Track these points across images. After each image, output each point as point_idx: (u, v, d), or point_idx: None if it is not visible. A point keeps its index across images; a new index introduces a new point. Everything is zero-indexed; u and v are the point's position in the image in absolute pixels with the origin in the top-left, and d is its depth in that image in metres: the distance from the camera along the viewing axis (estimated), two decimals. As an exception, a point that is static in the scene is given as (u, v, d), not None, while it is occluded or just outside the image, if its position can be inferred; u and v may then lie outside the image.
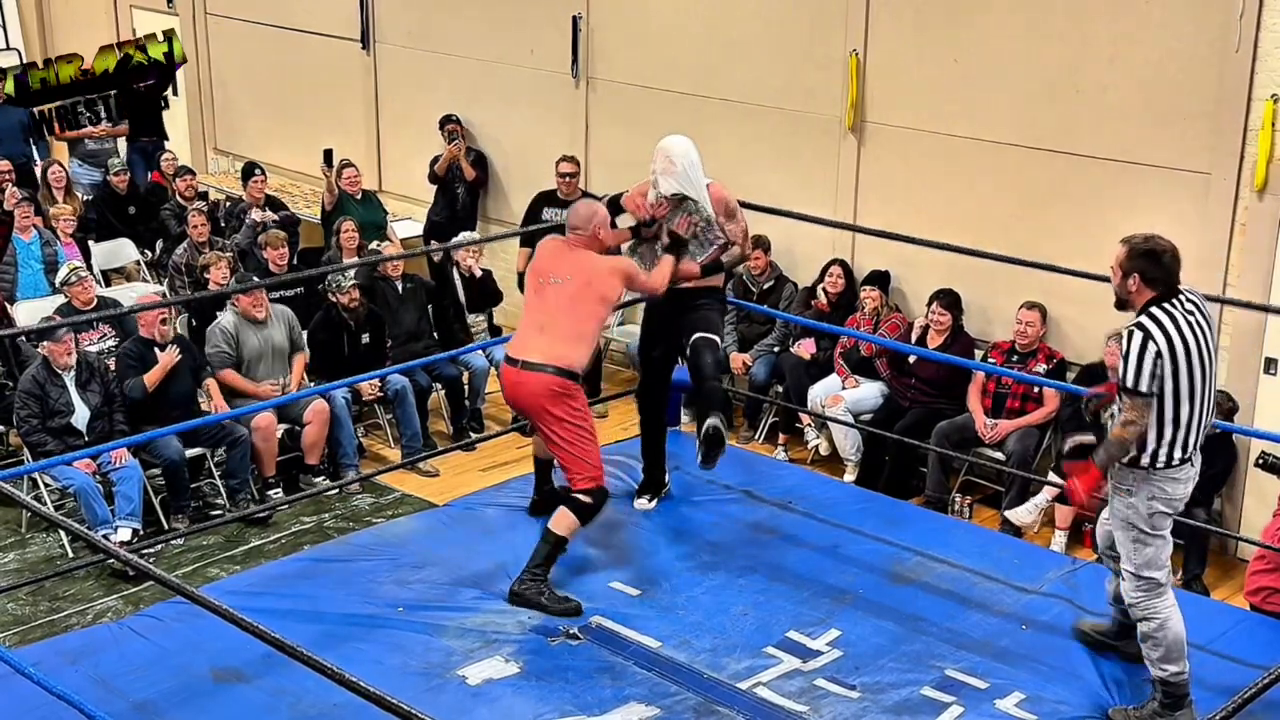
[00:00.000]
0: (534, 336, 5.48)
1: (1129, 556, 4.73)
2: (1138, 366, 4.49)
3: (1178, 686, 4.76)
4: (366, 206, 10.41)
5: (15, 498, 4.67)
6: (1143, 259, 4.59)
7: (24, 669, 4.56)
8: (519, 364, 5.46)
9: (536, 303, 5.57)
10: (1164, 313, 4.56)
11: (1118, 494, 4.72)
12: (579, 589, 5.73)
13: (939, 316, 7.93)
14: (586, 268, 5.51)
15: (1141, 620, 4.75)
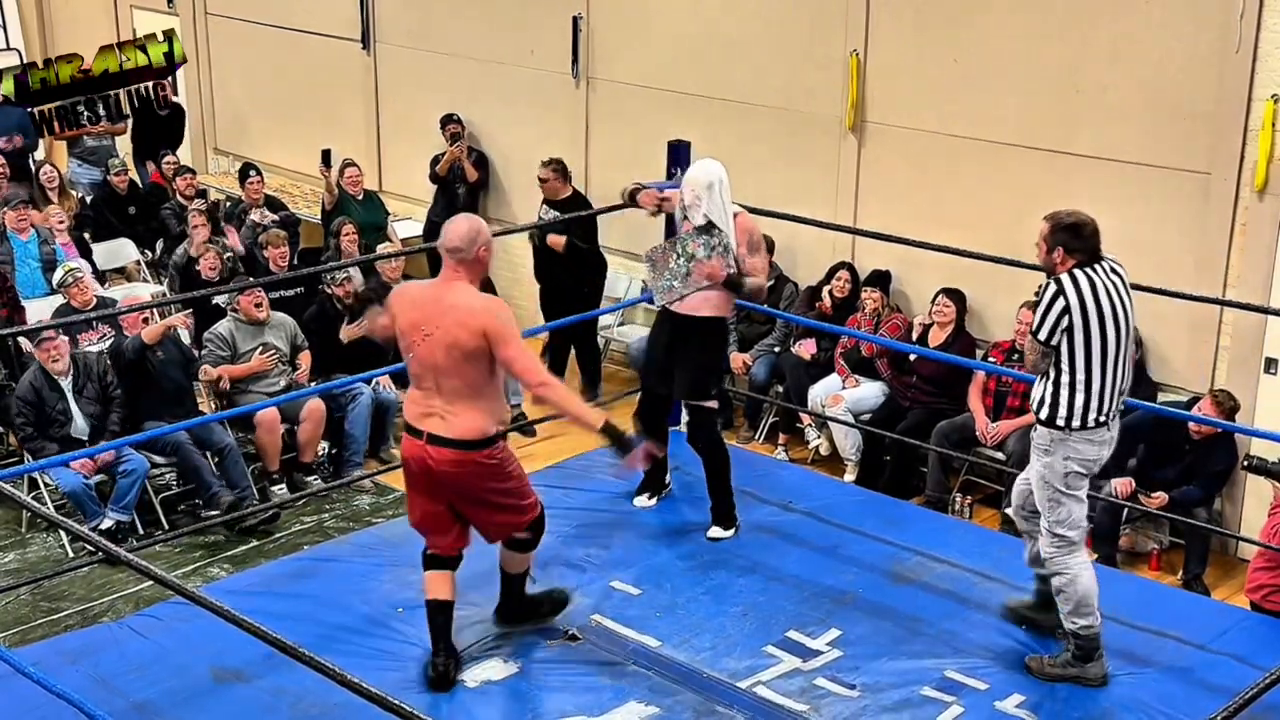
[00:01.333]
0: (428, 401, 4.76)
1: (1045, 514, 4.97)
2: (1043, 316, 4.76)
3: (1089, 640, 5.01)
4: (367, 207, 10.41)
5: (15, 498, 4.67)
6: (1065, 232, 4.82)
7: (24, 669, 4.56)
8: (424, 436, 4.75)
9: (415, 363, 4.77)
10: (1083, 275, 4.78)
11: (1036, 453, 4.96)
12: (581, 589, 5.73)
13: (943, 308, 7.93)
14: (461, 309, 4.65)
15: (1055, 575, 4.98)
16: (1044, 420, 4.87)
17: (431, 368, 4.71)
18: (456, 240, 4.71)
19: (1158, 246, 7.35)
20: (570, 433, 8.80)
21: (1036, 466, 4.96)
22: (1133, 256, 7.20)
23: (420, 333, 4.69)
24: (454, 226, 4.76)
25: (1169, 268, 7.10)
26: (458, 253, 4.70)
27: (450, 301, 4.68)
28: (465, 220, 4.80)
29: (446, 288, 4.74)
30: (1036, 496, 4.99)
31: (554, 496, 6.57)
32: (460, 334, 4.63)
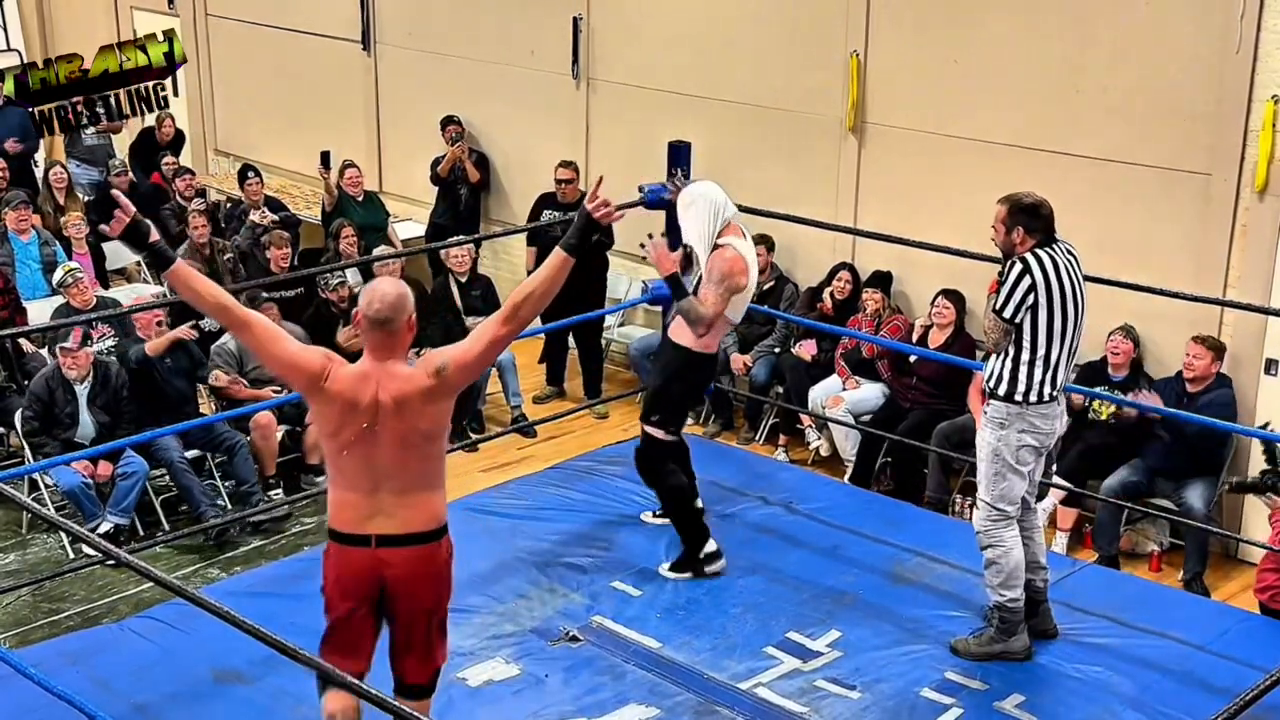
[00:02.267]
0: (371, 501, 4.03)
1: (987, 487, 5.09)
2: (1009, 294, 4.89)
3: (1014, 613, 5.15)
4: (367, 208, 10.41)
5: (15, 499, 4.67)
6: (1024, 213, 4.98)
7: (25, 670, 4.57)
8: (371, 542, 4.02)
9: (353, 460, 4.01)
10: (1046, 255, 4.93)
11: (990, 426, 5.05)
12: (581, 589, 5.73)
13: (943, 310, 7.92)
14: (397, 393, 4.00)
15: (988, 548, 5.11)
16: (1002, 395, 4.99)
17: (374, 461, 4.00)
18: (387, 310, 3.98)
19: (1158, 246, 7.35)
20: (572, 432, 8.84)
21: (989, 440, 5.06)
22: (1133, 256, 7.26)
23: (358, 424, 3.97)
24: (379, 293, 4.01)
25: (1169, 268, 7.10)
26: (388, 324, 3.99)
27: (394, 379, 4.00)
28: (390, 284, 4.07)
29: (382, 365, 4.01)
30: (981, 470, 5.12)
31: (554, 497, 6.59)
32: (416, 420, 4.01)
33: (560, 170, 9.18)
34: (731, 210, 5.63)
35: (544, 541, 6.15)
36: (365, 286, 4.11)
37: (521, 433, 8.79)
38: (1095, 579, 6.00)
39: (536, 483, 6.84)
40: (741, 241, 5.60)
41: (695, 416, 8.88)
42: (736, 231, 5.62)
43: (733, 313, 5.63)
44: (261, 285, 8.39)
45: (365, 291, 4.06)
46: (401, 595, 4.08)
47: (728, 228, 5.59)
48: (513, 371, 9.01)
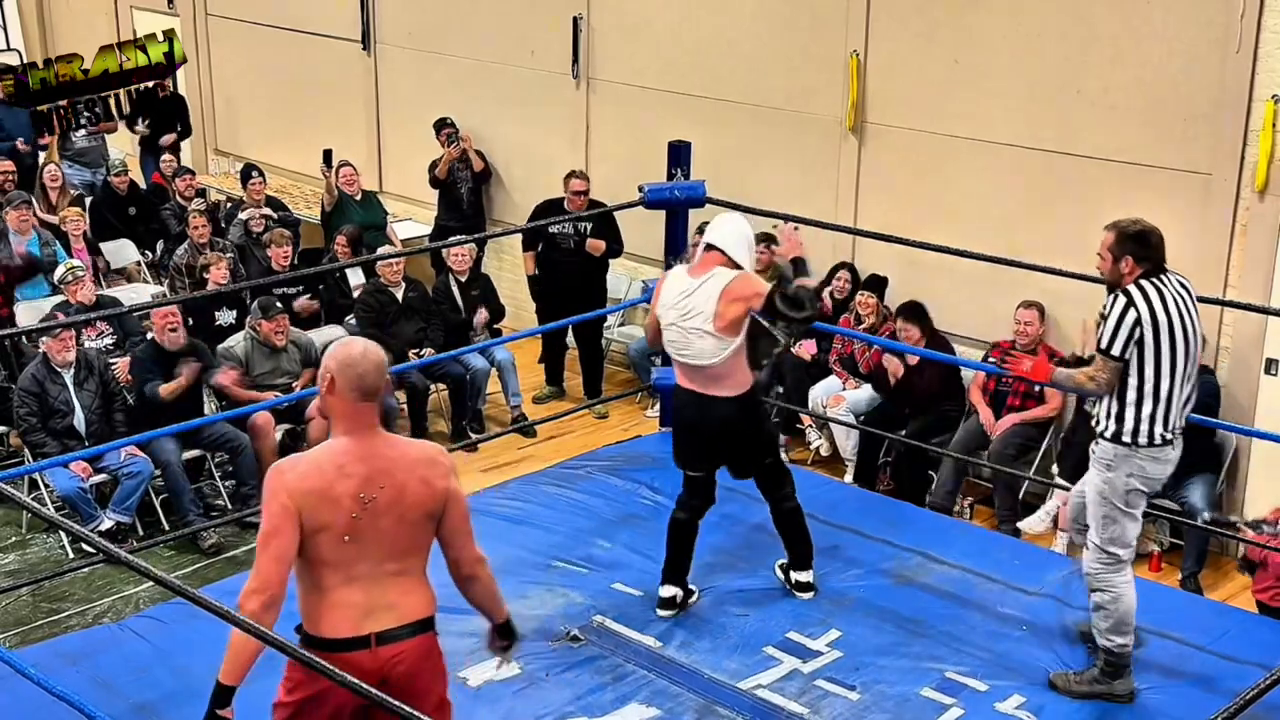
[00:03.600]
0: (368, 595, 3.66)
1: (1097, 530, 4.86)
2: (1115, 329, 4.64)
3: (1121, 657, 4.94)
4: (366, 207, 10.41)
5: (15, 499, 4.67)
6: (1132, 241, 4.74)
7: (24, 670, 4.56)
8: (370, 642, 3.65)
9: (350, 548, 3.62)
10: (1151, 286, 4.69)
11: (1097, 468, 4.84)
12: (581, 589, 5.73)
13: (907, 331, 7.90)
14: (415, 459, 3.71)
15: (1097, 591, 4.90)
16: (1110, 436, 4.75)
17: (375, 548, 3.64)
18: (377, 377, 3.63)
19: (1158, 247, 7.34)
20: (572, 432, 8.85)
21: (1095, 481, 4.83)
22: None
23: (360, 503, 3.60)
24: (366, 358, 3.63)
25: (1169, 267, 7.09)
26: (376, 394, 3.66)
27: (390, 453, 3.68)
28: (363, 346, 3.70)
29: (372, 438, 3.68)
30: (1090, 511, 4.88)
31: (554, 497, 6.59)
32: (422, 491, 3.68)
33: (575, 182, 9.07)
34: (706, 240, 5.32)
35: (544, 541, 6.15)
36: (339, 350, 3.67)
37: (521, 433, 8.79)
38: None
39: (536, 483, 6.84)
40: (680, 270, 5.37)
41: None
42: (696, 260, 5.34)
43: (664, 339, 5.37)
44: (261, 285, 8.38)
45: (342, 357, 3.63)
46: (405, 697, 3.38)
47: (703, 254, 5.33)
48: (513, 371, 9.01)
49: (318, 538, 3.60)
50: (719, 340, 5.17)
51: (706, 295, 5.15)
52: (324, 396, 3.70)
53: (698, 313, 5.17)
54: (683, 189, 7.08)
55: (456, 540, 3.79)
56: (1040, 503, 7.53)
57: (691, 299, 5.19)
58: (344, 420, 3.67)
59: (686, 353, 5.27)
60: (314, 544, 3.61)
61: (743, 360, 5.28)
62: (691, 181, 7.11)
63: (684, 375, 5.35)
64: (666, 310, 5.29)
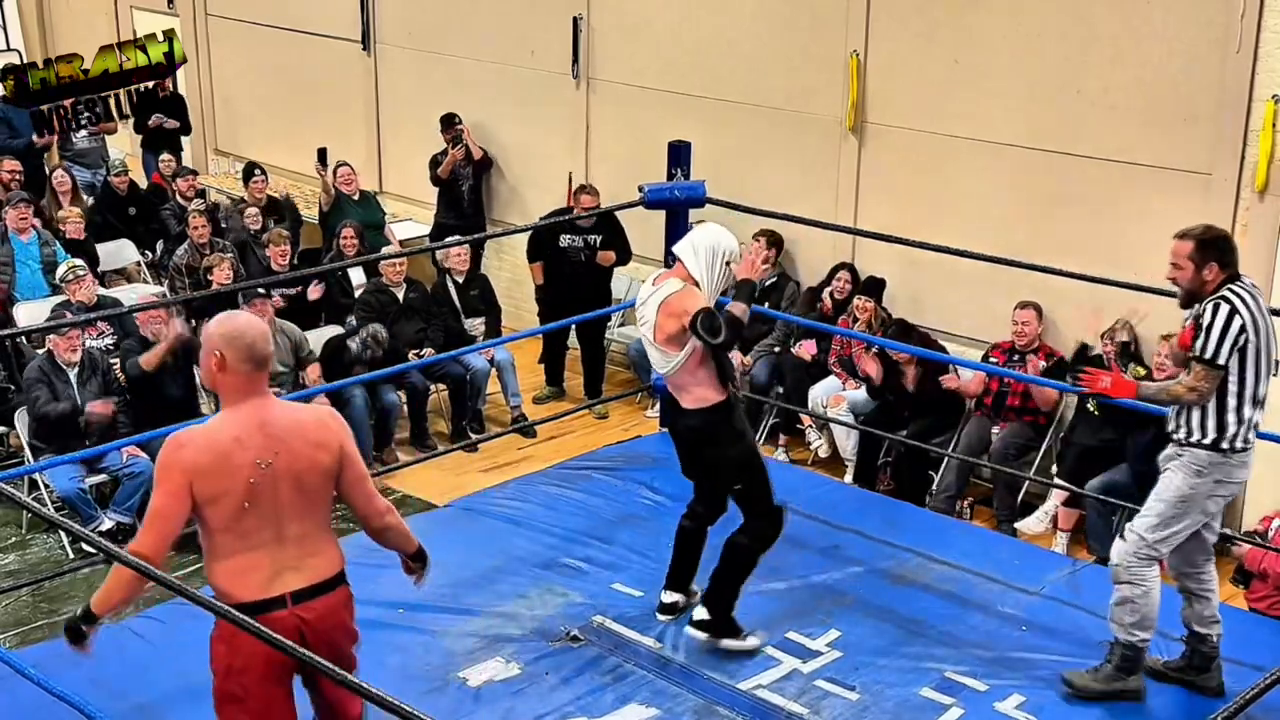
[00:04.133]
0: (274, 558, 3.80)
1: (1150, 525, 4.74)
2: (1220, 338, 4.52)
3: (1140, 653, 4.89)
4: (364, 207, 10.41)
5: (16, 499, 4.67)
6: (1214, 247, 4.64)
7: (25, 670, 4.57)
8: (286, 602, 3.78)
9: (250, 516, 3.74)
10: (1244, 290, 4.62)
11: (1183, 472, 4.70)
12: (581, 589, 5.73)
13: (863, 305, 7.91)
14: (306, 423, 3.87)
15: (1126, 584, 4.81)
16: (1209, 444, 4.64)
17: (274, 511, 3.77)
18: (265, 345, 3.76)
19: (1158, 247, 7.30)
20: (572, 432, 8.85)
21: (1178, 483, 4.70)
22: (1134, 256, 7.26)
23: (258, 469, 3.71)
24: (252, 328, 3.77)
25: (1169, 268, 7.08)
26: (266, 363, 3.78)
27: (284, 419, 3.80)
28: (245, 318, 3.86)
29: (265, 406, 3.79)
30: (1154, 508, 4.75)
31: (554, 497, 6.59)
32: (320, 457, 3.82)
33: (586, 198, 9.01)
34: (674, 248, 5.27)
35: (544, 541, 6.15)
36: (223, 325, 3.77)
37: (521, 433, 8.79)
38: (1095, 578, 5.98)
39: (536, 483, 6.84)
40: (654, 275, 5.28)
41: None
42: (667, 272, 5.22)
43: None
44: (261, 285, 8.38)
45: (229, 331, 3.73)
46: (328, 652, 3.63)
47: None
48: (512, 371, 9.01)
49: (215, 506, 3.71)
50: (662, 353, 5.06)
51: (653, 306, 5.05)
52: (214, 373, 3.78)
53: (645, 322, 5.11)
54: (683, 189, 7.08)
55: (358, 496, 3.99)
56: (1040, 503, 7.53)
57: (644, 307, 5.11)
58: (237, 392, 3.77)
59: (650, 358, 5.22)
60: (212, 513, 3.72)
61: (697, 375, 5.05)
62: (691, 181, 7.11)
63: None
64: (637, 318, 5.25)
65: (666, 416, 5.43)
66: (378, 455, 8.39)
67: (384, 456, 8.44)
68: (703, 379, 5.07)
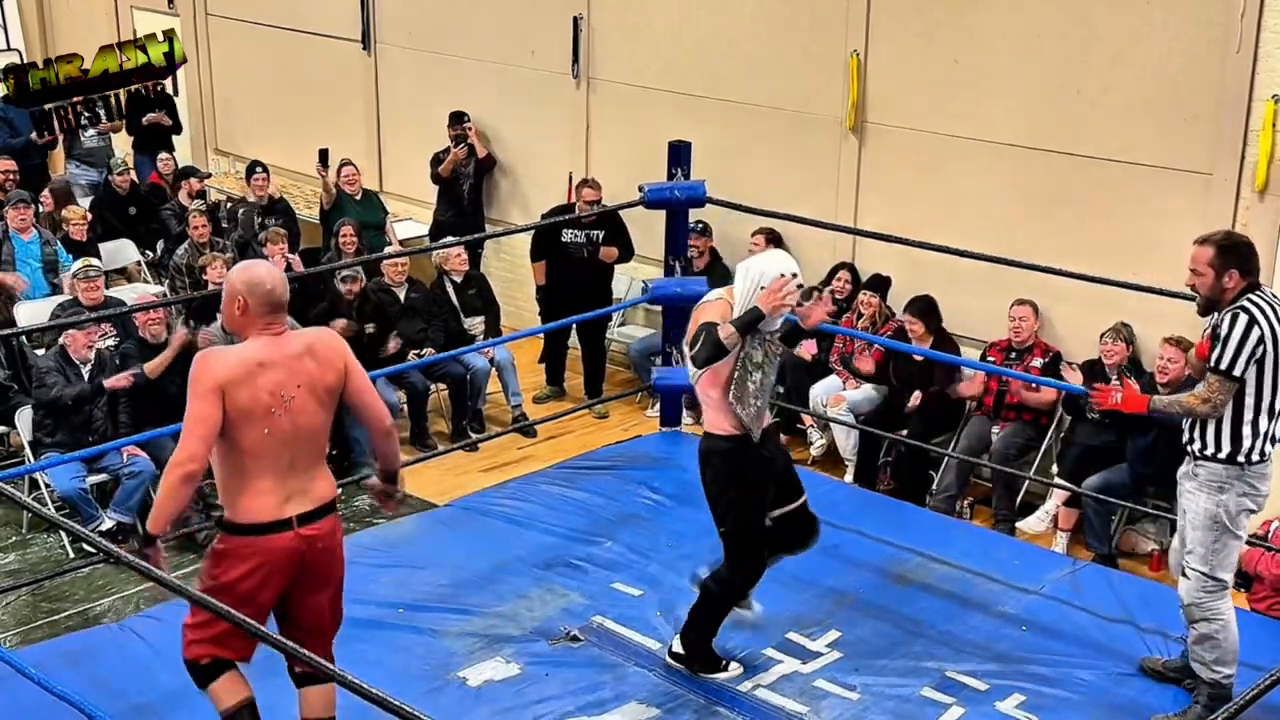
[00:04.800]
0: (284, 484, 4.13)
1: (1205, 557, 4.65)
2: (1238, 349, 4.45)
3: (1228, 689, 4.73)
4: (365, 206, 10.40)
5: (16, 499, 4.67)
6: (1235, 253, 4.55)
7: (25, 670, 4.57)
8: (293, 524, 4.12)
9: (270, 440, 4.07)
10: (1263, 300, 4.54)
11: (1205, 491, 4.64)
12: (581, 589, 5.73)
13: (912, 325, 7.91)
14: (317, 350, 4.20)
15: (1202, 622, 4.69)
16: (1224, 458, 4.58)
17: (292, 438, 4.09)
18: (283, 290, 4.13)
19: (1158, 246, 7.34)
20: (572, 432, 8.85)
21: (1206, 506, 4.63)
22: (1134, 256, 7.26)
23: (281, 400, 4.05)
24: (271, 275, 4.14)
25: (1169, 268, 7.07)
26: (284, 307, 4.15)
27: (298, 351, 4.13)
28: (265, 266, 4.26)
29: (282, 342, 4.12)
30: (1198, 539, 4.66)
31: (554, 497, 6.60)
32: (329, 376, 4.17)
33: (588, 191, 9.03)
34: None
35: (544, 541, 6.15)
36: (245, 273, 4.13)
37: (521, 433, 8.79)
38: (1095, 578, 6.00)
39: (536, 483, 6.85)
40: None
41: (695, 416, 8.86)
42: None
43: None
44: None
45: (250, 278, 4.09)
46: (319, 573, 4.21)
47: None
48: (512, 371, 9.01)
49: (241, 426, 4.01)
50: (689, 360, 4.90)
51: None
52: (236, 317, 4.14)
53: None
54: (683, 189, 7.08)
55: (366, 398, 4.32)
56: (1040, 503, 7.53)
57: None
58: (259, 332, 4.11)
59: None
60: (237, 432, 4.02)
61: (709, 395, 4.91)
62: (691, 181, 7.11)
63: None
64: None
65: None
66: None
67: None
68: (714, 402, 4.92)
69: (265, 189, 10.53)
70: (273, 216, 10.44)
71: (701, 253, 8.93)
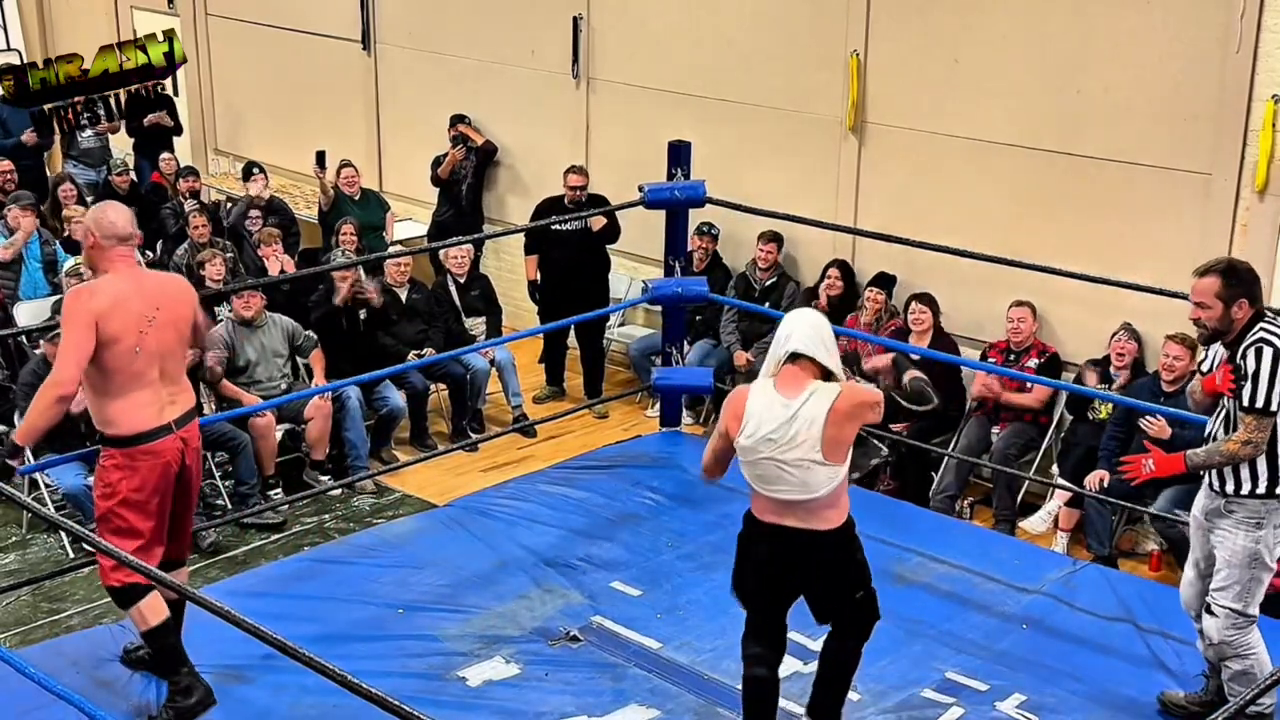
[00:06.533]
0: (157, 393, 4.72)
1: (1240, 595, 4.54)
2: (1270, 384, 4.29)
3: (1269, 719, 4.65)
4: (364, 207, 10.40)
5: (16, 499, 4.67)
6: (1242, 282, 4.42)
7: (25, 670, 4.56)
8: (171, 428, 4.74)
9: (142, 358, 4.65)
10: (1277, 328, 4.41)
11: (1244, 529, 4.51)
12: (581, 589, 5.73)
13: (919, 315, 7.92)
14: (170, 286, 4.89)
15: (1235, 659, 4.60)
16: (1264, 492, 4.45)
17: (159, 354, 4.70)
18: (129, 225, 4.73)
19: (1158, 246, 7.35)
20: (572, 432, 8.85)
21: (1243, 543, 4.51)
22: (1134, 257, 7.27)
23: (145, 321, 4.64)
24: (118, 212, 4.74)
25: (1169, 268, 7.09)
26: (130, 238, 4.73)
27: (154, 283, 4.79)
28: (109, 204, 4.91)
29: (138, 274, 4.78)
30: (1233, 575, 4.53)
31: (554, 497, 6.60)
32: (181, 309, 4.80)
33: (573, 176, 9.10)
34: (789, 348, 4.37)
35: (544, 541, 6.15)
36: (92, 214, 4.74)
37: (521, 433, 8.79)
38: (1095, 578, 6.00)
39: (536, 483, 6.85)
40: (768, 386, 4.39)
41: (695, 416, 8.89)
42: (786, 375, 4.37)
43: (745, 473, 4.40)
44: (259, 285, 8.38)
45: (96, 216, 4.68)
46: (192, 473, 4.88)
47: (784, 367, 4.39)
48: (513, 371, 9.01)
49: (114, 349, 4.56)
50: (830, 468, 4.28)
51: (810, 419, 4.27)
52: (90, 251, 4.73)
53: (801, 441, 4.26)
54: (683, 189, 7.08)
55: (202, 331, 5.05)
56: (1040, 503, 7.53)
57: (793, 426, 4.28)
58: (111, 261, 4.68)
59: (782, 488, 4.33)
60: (111, 355, 4.56)
61: (846, 483, 4.45)
62: (691, 181, 7.11)
63: (770, 509, 4.40)
64: (760, 442, 4.31)
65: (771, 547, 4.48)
66: (376, 455, 8.40)
67: (383, 456, 8.45)
68: (844, 488, 4.45)
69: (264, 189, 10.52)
70: (273, 216, 10.44)
71: (705, 254, 8.95)
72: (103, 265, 4.71)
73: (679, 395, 7.76)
